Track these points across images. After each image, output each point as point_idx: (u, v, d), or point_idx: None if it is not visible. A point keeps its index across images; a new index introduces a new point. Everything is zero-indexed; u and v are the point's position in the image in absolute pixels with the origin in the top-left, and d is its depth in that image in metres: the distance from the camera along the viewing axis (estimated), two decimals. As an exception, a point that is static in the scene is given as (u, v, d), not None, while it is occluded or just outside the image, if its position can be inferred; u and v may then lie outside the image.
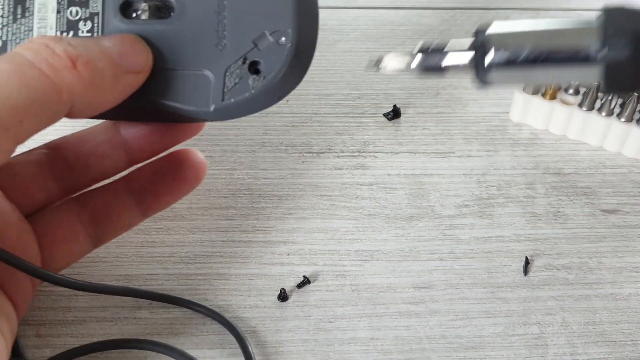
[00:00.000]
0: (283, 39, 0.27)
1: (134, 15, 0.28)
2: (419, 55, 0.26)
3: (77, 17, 0.28)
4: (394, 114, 0.43)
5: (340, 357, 0.30)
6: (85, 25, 0.28)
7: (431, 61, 0.25)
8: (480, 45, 0.23)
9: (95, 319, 0.31)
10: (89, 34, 0.28)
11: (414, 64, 0.26)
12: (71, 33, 0.28)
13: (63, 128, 0.30)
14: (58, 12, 0.28)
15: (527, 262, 0.34)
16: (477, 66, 0.23)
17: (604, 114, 0.40)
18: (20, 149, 0.24)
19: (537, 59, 0.22)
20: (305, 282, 0.33)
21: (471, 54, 0.24)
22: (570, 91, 0.42)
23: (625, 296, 0.33)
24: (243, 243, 0.35)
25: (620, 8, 0.19)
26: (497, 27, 0.23)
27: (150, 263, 0.33)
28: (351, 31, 0.51)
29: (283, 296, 0.32)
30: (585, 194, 0.38)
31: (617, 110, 0.40)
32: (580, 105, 0.40)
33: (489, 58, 0.23)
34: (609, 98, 0.40)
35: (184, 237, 0.35)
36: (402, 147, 0.41)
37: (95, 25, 0.28)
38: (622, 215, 0.37)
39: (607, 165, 0.40)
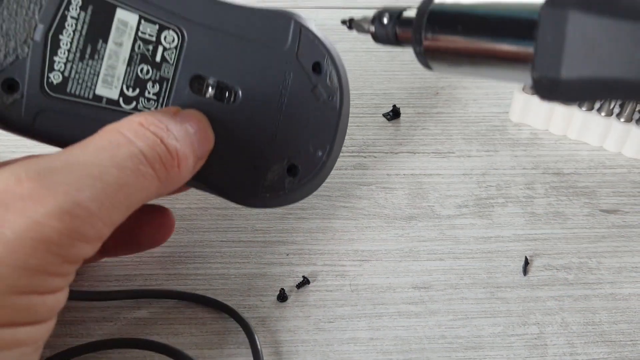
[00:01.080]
0: (320, 152, 0.30)
1: (201, 91, 0.28)
2: (375, 22, 0.24)
3: (147, 77, 0.27)
4: (394, 114, 0.43)
5: (339, 357, 0.30)
6: (153, 87, 0.28)
7: (380, 31, 0.24)
8: (419, 15, 0.21)
9: (95, 318, 0.31)
10: (154, 97, 0.28)
11: (372, 30, 0.25)
12: (137, 91, 0.27)
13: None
14: (129, 64, 0.27)
15: (526, 262, 0.34)
16: (415, 37, 0.21)
17: (603, 114, 0.40)
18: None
19: (472, 28, 0.19)
20: (305, 282, 0.33)
21: (410, 23, 0.22)
22: (570, 91, 0.42)
23: (624, 296, 0.33)
24: (242, 243, 0.35)
25: None
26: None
27: (150, 263, 0.33)
28: (351, 31, 0.51)
29: (282, 296, 0.32)
30: (584, 194, 0.38)
31: (616, 110, 0.40)
32: (580, 105, 0.40)
33: (423, 27, 0.21)
34: (609, 98, 0.40)
35: (183, 237, 0.35)
36: (401, 147, 0.41)
37: (163, 90, 0.28)
38: (622, 215, 0.37)
39: (607, 165, 0.40)
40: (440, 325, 0.31)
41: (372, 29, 0.25)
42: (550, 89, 0.16)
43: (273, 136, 0.29)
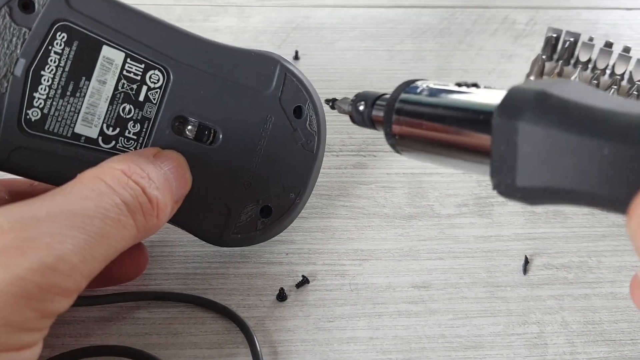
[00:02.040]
0: (292, 195, 0.31)
1: (182, 132, 0.28)
2: (351, 106, 0.26)
3: (129, 116, 0.27)
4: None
5: (339, 357, 0.30)
6: (134, 127, 0.27)
7: (357, 116, 0.25)
8: (389, 105, 0.22)
9: (94, 318, 0.31)
10: (135, 137, 0.27)
11: (349, 110, 0.26)
12: (117, 130, 0.27)
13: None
14: (111, 103, 0.27)
15: (526, 261, 0.34)
16: (385, 129, 0.22)
17: (603, 112, 0.40)
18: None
19: (435, 122, 0.20)
20: (304, 281, 0.33)
21: (382, 112, 0.23)
22: (570, 90, 0.42)
23: (624, 295, 0.33)
24: (242, 242, 0.35)
25: (525, 89, 0.16)
26: (410, 91, 0.22)
27: (149, 262, 0.33)
28: (350, 30, 0.51)
29: (282, 296, 0.32)
30: (584, 193, 0.38)
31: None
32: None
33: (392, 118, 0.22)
34: (611, 94, 0.40)
35: (183, 237, 0.35)
36: (401, 146, 0.41)
37: (144, 130, 0.27)
38: (622, 214, 0.37)
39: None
40: (440, 325, 0.31)
41: (350, 110, 0.25)
42: (508, 193, 0.16)
43: (250, 178, 0.29)
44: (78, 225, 0.21)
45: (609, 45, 0.44)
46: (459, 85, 0.20)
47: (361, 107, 0.25)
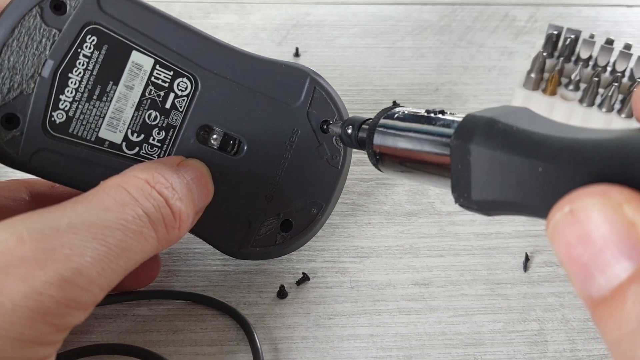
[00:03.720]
0: (315, 210, 0.30)
1: (206, 141, 0.28)
2: (341, 129, 0.28)
3: (154, 123, 0.27)
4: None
5: (339, 354, 0.30)
6: (159, 134, 0.27)
7: (346, 138, 0.27)
8: (370, 129, 0.25)
9: (94, 315, 0.31)
10: (159, 144, 0.27)
11: (339, 133, 0.28)
12: (142, 136, 0.27)
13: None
14: (137, 109, 0.26)
15: (527, 259, 0.34)
16: (367, 150, 0.25)
17: (604, 110, 0.40)
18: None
19: (406, 143, 0.23)
20: (305, 278, 0.33)
21: (364, 135, 0.26)
22: (571, 87, 0.42)
23: (625, 292, 0.33)
24: (242, 240, 0.35)
25: (482, 117, 0.19)
26: (388, 116, 0.25)
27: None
28: (351, 27, 0.51)
29: (282, 293, 0.32)
30: (585, 190, 0.38)
31: (617, 106, 0.40)
32: (581, 101, 0.40)
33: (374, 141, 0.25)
34: (609, 94, 0.40)
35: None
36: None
37: (169, 138, 0.27)
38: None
39: (608, 162, 0.40)
40: (441, 322, 0.31)
41: (339, 133, 0.28)
42: (466, 205, 0.19)
43: (272, 191, 0.29)
44: (98, 237, 0.21)
45: (609, 42, 0.44)
46: (428, 112, 0.23)
47: (349, 131, 0.27)
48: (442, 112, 0.22)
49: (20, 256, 0.20)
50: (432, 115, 0.22)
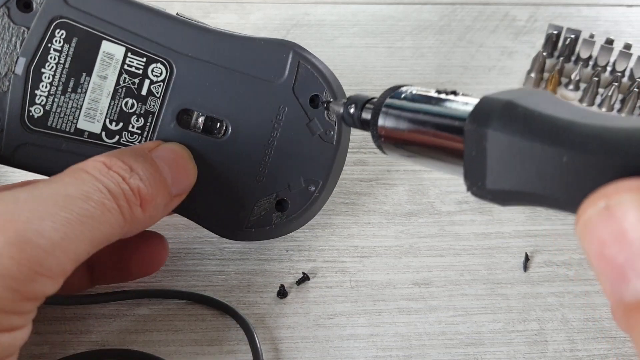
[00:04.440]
0: (312, 187, 0.30)
1: (189, 124, 0.28)
2: (343, 108, 0.26)
3: (132, 110, 0.27)
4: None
5: (339, 354, 0.30)
6: (137, 121, 0.27)
7: (348, 118, 0.26)
8: (375, 109, 0.23)
9: (94, 315, 0.31)
10: (138, 131, 0.27)
11: (341, 112, 0.27)
12: (120, 124, 0.27)
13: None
14: (113, 98, 0.26)
15: (526, 259, 0.34)
16: (371, 131, 0.24)
17: (604, 109, 0.40)
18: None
19: (415, 125, 0.21)
20: (305, 278, 0.33)
21: (369, 115, 0.24)
22: (571, 87, 0.42)
23: (625, 292, 0.33)
24: (242, 239, 0.35)
25: (498, 99, 0.17)
26: (395, 96, 0.23)
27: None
28: (350, 27, 0.51)
29: (282, 293, 0.32)
30: (585, 190, 0.38)
31: (617, 106, 0.40)
32: (581, 100, 0.40)
33: (379, 122, 0.23)
34: (609, 93, 0.40)
35: (183, 234, 0.34)
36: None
37: (148, 124, 0.27)
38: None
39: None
40: (441, 322, 0.31)
41: (342, 113, 0.26)
42: (480, 195, 0.18)
43: (262, 170, 0.29)
44: (60, 204, 0.21)
45: (609, 42, 0.44)
46: (439, 92, 0.21)
47: (352, 110, 0.26)
48: (455, 93, 0.20)
49: None
50: (444, 96, 0.21)
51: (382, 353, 0.30)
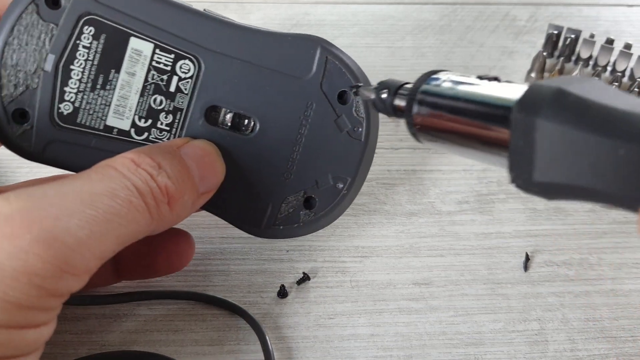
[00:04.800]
0: (340, 185, 0.29)
1: (216, 121, 0.28)
2: (374, 93, 0.25)
3: (160, 107, 0.27)
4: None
5: (340, 354, 0.30)
6: (166, 117, 0.27)
7: (379, 104, 0.25)
8: (410, 95, 0.23)
9: (94, 315, 0.31)
10: (167, 128, 0.27)
11: (372, 97, 0.26)
12: (149, 121, 0.27)
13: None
14: (142, 95, 0.26)
15: (527, 258, 0.34)
16: (406, 117, 0.23)
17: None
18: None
19: (455, 112, 0.20)
20: (305, 278, 0.33)
21: (404, 102, 0.23)
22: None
23: (625, 292, 0.33)
24: (242, 239, 0.35)
25: (549, 87, 0.16)
26: (432, 81, 0.22)
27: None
28: (351, 26, 0.51)
29: (283, 293, 0.32)
30: (585, 190, 0.38)
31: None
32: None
33: (414, 109, 0.22)
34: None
35: (183, 234, 0.35)
36: (402, 143, 0.41)
37: (177, 121, 0.27)
38: (623, 211, 0.37)
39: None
40: (441, 322, 0.31)
41: (373, 98, 0.25)
42: (525, 188, 0.17)
43: (290, 168, 0.29)
44: (86, 202, 0.21)
45: (610, 42, 0.44)
46: (480, 78, 0.20)
47: (384, 95, 0.25)
48: (497, 79, 0.20)
49: (7, 215, 0.19)
50: (486, 82, 0.20)
51: (382, 353, 0.30)
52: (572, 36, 0.44)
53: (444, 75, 0.22)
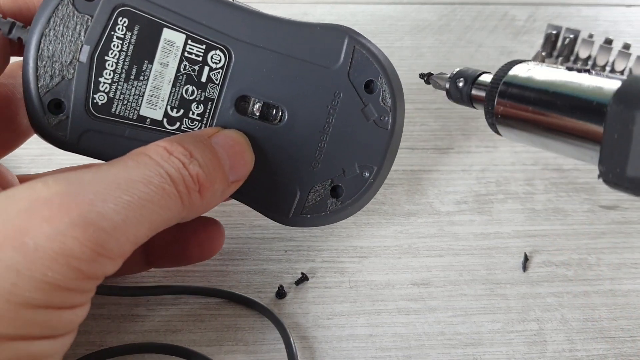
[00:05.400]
0: (367, 173, 0.29)
1: (246, 111, 0.28)
2: (449, 82, 0.25)
3: (192, 97, 0.27)
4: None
5: (338, 354, 0.30)
6: (197, 107, 0.27)
7: (455, 92, 0.25)
8: (493, 85, 0.22)
9: (92, 316, 0.31)
10: (198, 118, 0.27)
11: (447, 88, 0.25)
12: (181, 111, 0.27)
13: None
14: (174, 85, 0.27)
15: (526, 259, 0.34)
16: (487, 108, 0.22)
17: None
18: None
19: (543, 104, 0.20)
20: (303, 278, 0.33)
21: (484, 92, 0.23)
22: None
23: (624, 292, 0.33)
24: (241, 240, 0.35)
25: None
26: (517, 71, 0.22)
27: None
28: (349, 26, 0.51)
29: (281, 293, 0.32)
30: (584, 190, 0.38)
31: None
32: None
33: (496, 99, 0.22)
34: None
35: (182, 234, 0.34)
36: (401, 143, 0.40)
37: (208, 111, 0.28)
38: (622, 212, 0.37)
39: (607, 161, 0.40)
40: (440, 322, 0.31)
41: (448, 87, 0.25)
42: (616, 182, 0.16)
43: (318, 157, 0.29)
44: (122, 187, 0.21)
45: (608, 42, 0.44)
46: (569, 69, 0.20)
47: (460, 84, 0.24)
48: (588, 71, 0.19)
49: (46, 198, 0.20)
50: (575, 73, 0.19)
51: (381, 353, 0.30)
52: (571, 36, 0.44)
53: (526, 65, 0.21)
